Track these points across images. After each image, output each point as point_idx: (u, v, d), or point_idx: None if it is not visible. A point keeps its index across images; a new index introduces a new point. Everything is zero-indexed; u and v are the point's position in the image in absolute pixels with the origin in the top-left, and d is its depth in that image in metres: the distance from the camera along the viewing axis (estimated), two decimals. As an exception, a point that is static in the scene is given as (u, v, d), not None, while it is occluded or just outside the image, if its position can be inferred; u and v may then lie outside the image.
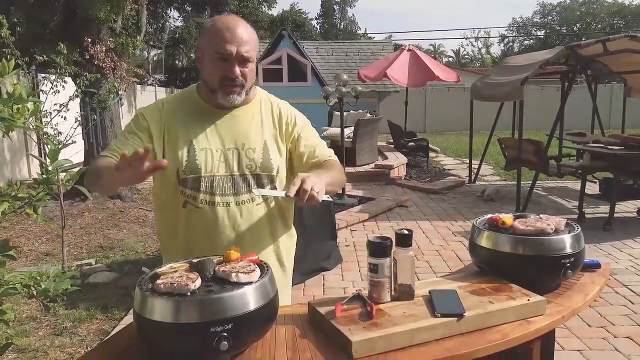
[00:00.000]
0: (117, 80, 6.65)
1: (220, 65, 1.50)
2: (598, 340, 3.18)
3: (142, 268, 4.46)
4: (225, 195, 1.55)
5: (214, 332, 1.06)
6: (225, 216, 1.55)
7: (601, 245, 5.11)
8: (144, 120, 1.57)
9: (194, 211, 1.55)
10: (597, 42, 6.17)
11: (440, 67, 12.27)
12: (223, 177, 1.55)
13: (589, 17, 42.10)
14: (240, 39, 1.49)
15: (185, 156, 1.53)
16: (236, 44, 1.48)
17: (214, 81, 1.53)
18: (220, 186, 1.54)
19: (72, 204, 6.70)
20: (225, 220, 1.55)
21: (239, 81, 1.52)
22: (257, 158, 1.58)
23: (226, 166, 1.56)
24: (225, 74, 1.50)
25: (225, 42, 1.48)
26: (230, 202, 1.55)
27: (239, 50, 1.48)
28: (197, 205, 1.54)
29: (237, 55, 1.49)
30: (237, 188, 1.56)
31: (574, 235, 1.54)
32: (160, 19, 22.72)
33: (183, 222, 1.58)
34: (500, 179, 9.11)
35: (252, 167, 1.58)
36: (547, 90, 17.81)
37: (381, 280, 1.36)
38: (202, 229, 1.55)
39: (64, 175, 1.91)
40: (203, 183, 1.53)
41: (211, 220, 1.54)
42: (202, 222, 1.55)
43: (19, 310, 3.65)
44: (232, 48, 1.48)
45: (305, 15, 37.42)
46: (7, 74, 1.61)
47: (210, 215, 1.54)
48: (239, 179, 1.56)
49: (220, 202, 1.54)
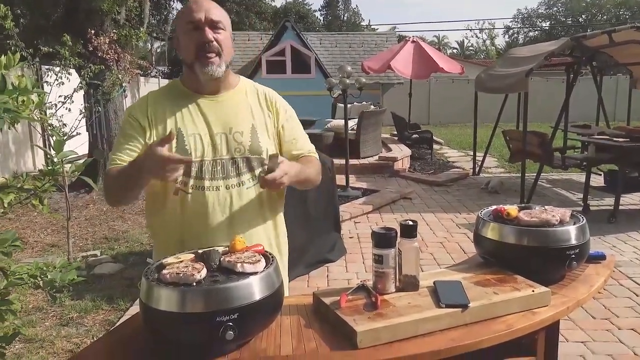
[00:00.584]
0: (120, 72, 6.65)
1: (192, 36, 1.53)
2: (602, 332, 3.18)
3: (147, 259, 4.48)
4: (215, 179, 1.55)
5: (219, 322, 1.07)
6: (215, 201, 1.55)
7: (606, 238, 5.10)
8: (134, 120, 1.58)
9: (185, 197, 1.55)
10: (602, 34, 6.12)
11: (444, 59, 12.20)
12: (212, 161, 1.56)
13: (594, 8, 41.77)
14: (208, 7, 1.53)
15: (175, 143, 1.53)
16: (204, 10, 1.52)
17: (190, 54, 1.54)
18: (210, 171, 1.55)
19: (77, 196, 6.73)
20: (216, 205, 1.55)
21: (214, 46, 1.52)
22: (245, 141, 1.58)
23: (214, 150, 1.56)
24: (199, 41, 1.52)
25: (192, 12, 1.53)
26: (220, 187, 1.56)
27: (207, 15, 1.52)
28: (187, 191, 1.55)
29: (206, 19, 1.51)
30: (227, 172, 1.57)
31: (579, 226, 1.54)
32: (164, 11, 22.67)
33: (175, 210, 1.57)
34: (505, 172, 9.09)
35: (241, 150, 1.58)
36: (552, 82, 17.70)
37: (386, 271, 1.36)
38: (194, 214, 1.56)
39: (70, 166, 1.92)
40: (193, 168, 1.54)
41: (202, 205, 1.55)
42: (193, 207, 1.55)
43: (25, 301, 3.68)
44: (200, 15, 1.51)
45: (308, 6, 37.25)
46: (12, 66, 1.61)
47: (200, 200, 1.55)
48: (227, 163, 1.57)
49: (209, 186, 1.55)
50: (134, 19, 8.71)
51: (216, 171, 1.55)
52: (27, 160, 9.13)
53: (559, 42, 6.85)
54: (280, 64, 15.25)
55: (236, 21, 24.64)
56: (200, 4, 1.54)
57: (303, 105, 1.81)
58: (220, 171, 1.56)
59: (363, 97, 8.77)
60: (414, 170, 9.19)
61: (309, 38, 17.07)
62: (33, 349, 3.07)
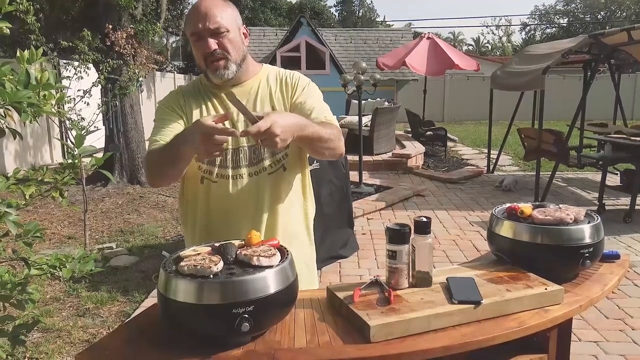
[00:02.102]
0: (137, 66, 6.71)
1: (198, 46, 1.55)
2: (615, 332, 3.17)
3: (162, 252, 4.54)
4: (238, 167, 1.59)
5: (235, 314, 1.09)
6: (240, 188, 1.59)
7: (621, 238, 5.06)
8: (170, 108, 1.63)
9: (210, 185, 1.60)
10: (621, 31, 6.04)
11: (460, 55, 12.13)
12: (234, 149, 1.59)
13: (614, 5, 41.13)
14: (205, 13, 1.52)
15: None
16: (202, 18, 1.52)
17: (201, 63, 1.58)
18: (233, 159, 1.59)
19: (94, 189, 6.83)
20: (240, 193, 1.59)
21: (219, 53, 1.54)
22: None
23: (236, 139, 1.57)
24: (204, 51, 1.54)
25: (192, 22, 1.54)
26: (244, 174, 1.59)
27: (205, 24, 1.52)
28: (212, 179, 1.59)
29: (205, 29, 1.52)
30: (249, 159, 1.59)
31: (593, 225, 1.54)
32: (179, 6, 22.76)
33: (201, 197, 1.62)
34: (519, 170, 9.02)
35: None
36: (570, 80, 17.51)
37: (399, 267, 1.37)
38: (219, 202, 1.60)
39: (89, 160, 1.95)
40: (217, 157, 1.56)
41: (226, 193, 1.58)
42: (218, 196, 1.60)
43: (43, 291, 3.75)
44: (199, 24, 1.52)
45: (324, 2, 37.17)
46: (34, 61, 1.65)
47: (225, 188, 1.59)
48: (249, 150, 1.60)
49: (233, 174, 1.58)
50: (151, 13, 8.78)
51: (239, 159, 1.59)
52: (45, 153, 9.26)
53: (576, 40, 6.77)
54: (295, 59, 15.29)
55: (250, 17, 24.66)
56: (197, 10, 1.54)
57: None
58: (243, 159, 1.59)
59: (377, 94, 8.75)
60: (427, 167, 9.16)
61: (324, 34, 17.08)
62: (50, 339, 3.14)
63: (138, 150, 7.44)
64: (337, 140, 1.58)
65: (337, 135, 1.60)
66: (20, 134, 1.67)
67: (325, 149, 1.55)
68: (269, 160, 1.61)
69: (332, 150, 1.57)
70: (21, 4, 3.76)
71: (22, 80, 1.52)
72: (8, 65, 1.57)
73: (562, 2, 43.69)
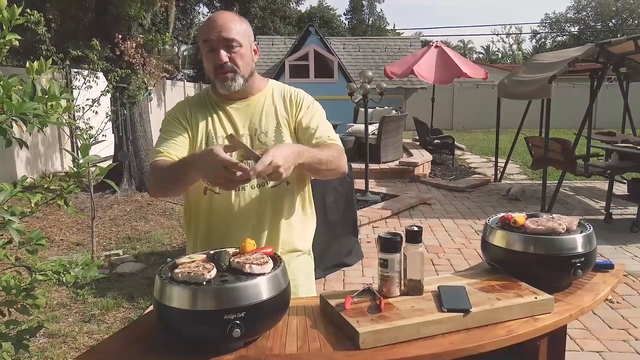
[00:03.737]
0: (146, 75, 6.80)
1: (210, 56, 1.59)
2: (618, 342, 3.15)
3: (168, 259, 4.58)
4: None
5: (227, 320, 1.12)
6: (241, 200, 1.63)
7: (628, 247, 5.03)
8: (176, 119, 1.68)
9: (212, 197, 1.64)
10: (628, 40, 6.04)
11: (468, 64, 12.15)
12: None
13: (625, 13, 40.92)
14: (221, 25, 1.57)
15: (204, 145, 1.63)
16: (217, 30, 1.56)
17: (210, 73, 1.62)
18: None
19: (102, 196, 6.91)
20: (242, 205, 1.63)
21: (229, 66, 1.58)
22: (269, 141, 1.65)
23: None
24: (214, 62, 1.58)
25: (206, 32, 1.58)
26: (246, 187, 1.63)
27: (220, 35, 1.56)
28: (215, 191, 1.64)
29: (219, 39, 1.56)
30: None
31: (585, 235, 1.55)
32: (189, 15, 23.03)
33: (204, 209, 1.67)
34: (527, 178, 9.00)
35: None
36: (579, 88, 17.42)
37: (391, 275, 1.40)
38: (220, 214, 1.64)
39: (95, 169, 2.00)
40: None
41: (228, 205, 1.63)
42: (220, 207, 1.64)
43: (50, 297, 3.81)
44: (213, 35, 1.56)
45: (333, 11, 37.37)
46: (44, 71, 1.70)
47: (227, 200, 1.63)
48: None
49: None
50: (160, 23, 8.91)
51: None
52: (55, 161, 9.39)
53: (583, 48, 6.77)
54: (303, 68, 15.39)
55: (260, 26, 24.86)
56: (215, 21, 1.58)
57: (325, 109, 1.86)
58: None
59: (385, 102, 8.80)
60: (434, 175, 9.16)
61: (333, 42, 17.17)
62: (56, 344, 3.19)
63: (147, 159, 7.53)
64: (337, 160, 1.64)
65: (337, 155, 1.65)
66: (27, 144, 1.72)
67: (326, 170, 1.62)
68: None
69: (332, 171, 1.64)
70: (32, 16, 3.84)
71: (28, 92, 1.57)
72: (15, 78, 1.62)
73: (573, 10, 43.56)
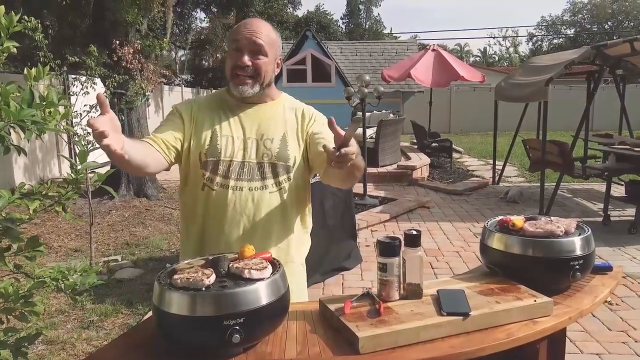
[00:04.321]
0: (144, 81, 6.81)
1: (233, 55, 1.62)
2: (618, 345, 3.15)
3: (167, 265, 4.58)
4: (240, 180, 1.64)
5: (226, 325, 1.12)
6: (237, 200, 1.63)
7: (626, 249, 5.03)
8: (178, 112, 1.71)
9: (209, 194, 1.65)
10: (624, 42, 6.07)
11: (465, 67, 12.18)
12: (240, 163, 1.64)
13: (620, 15, 41.09)
14: (254, 30, 1.60)
15: (208, 140, 1.65)
16: (248, 33, 1.60)
17: (228, 71, 1.64)
18: (236, 171, 1.64)
19: (101, 202, 6.89)
20: (237, 205, 1.63)
21: (249, 70, 1.60)
22: (274, 148, 1.66)
23: (244, 153, 1.65)
24: (236, 62, 1.60)
25: (239, 33, 1.61)
26: (244, 187, 1.64)
27: (250, 39, 1.59)
28: (212, 187, 1.64)
29: (248, 43, 1.59)
30: (252, 175, 1.64)
31: (583, 237, 1.56)
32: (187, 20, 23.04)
33: (200, 204, 1.67)
34: (525, 181, 9.01)
35: (269, 155, 1.66)
36: (576, 90, 17.46)
37: (390, 279, 1.40)
38: (215, 212, 1.65)
39: (92, 175, 2.00)
40: (221, 167, 1.63)
41: (223, 204, 1.63)
42: (215, 205, 1.64)
43: (49, 304, 3.80)
44: (244, 37, 1.59)
45: (330, 16, 37.45)
46: (41, 77, 1.71)
47: (223, 198, 1.63)
48: (254, 167, 1.65)
49: (233, 186, 1.63)
50: (158, 29, 8.92)
51: (243, 172, 1.64)
52: (54, 167, 9.37)
53: (579, 51, 6.80)
54: (301, 72, 15.41)
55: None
56: (250, 26, 1.62)
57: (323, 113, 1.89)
58: (247, 173, 1.64)
59: (383, 106, 8.81)
60: (432, 179, 9.17)
61: (330, 47, 17.20)
62: (55, 351, 3.18)
63: (145, 164, 7.50)
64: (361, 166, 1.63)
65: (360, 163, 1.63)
66: (24, 150, 1.72)
67: (355, 178, 1.62)
68: (272, 180, 1.66)
69: (356, 180, 1.67)
70: (29, 22, 3.85)
71: (26, 99, 1.58)
72: (13, 85, 1.63)
73: (569, 13, 43.72)
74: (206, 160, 1.64)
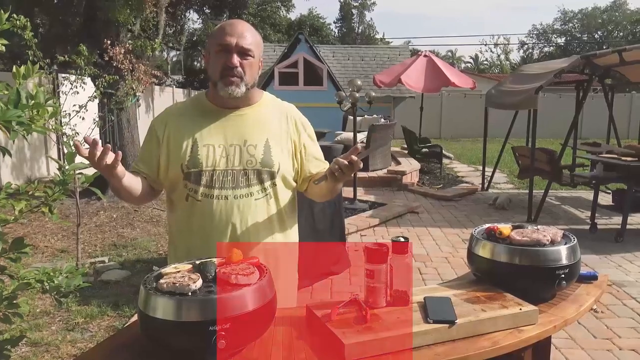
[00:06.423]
0: (134, 81, 6.77)
1: (221, 57, 1.61)
2: (603, 352, 3.18)
3: (153, 267, 4.55)
4: (224, 188, 1.63)
5: (212, 331, 1.12)
6: (222, 209, 1.62)
7: (612, 257, 5.08)
8: (153, 131, 1.72)
9: (194, 204, 1.64)
10: (613, 52, 6.13)
11: (456, 73, 12.25)
12: (223, 171, 1.63)
13: (610, 25, 41.58)
14: (241, 32, 1.61)
15: (189, 151, 1.64)
16: (236, 36, 1.60)
17: (215, 73, 1.63)
18: (220, 180, 1.63)
19: (88, 203, 6.84)
20: (222, 214, 1.62)
21: (238, 71, 1.60)
22: (257, 154, 1.65)
23: (227, 161, 1.64)
24: (225, 63, 1.60)
25: (225, 35, 1.61)
26: (229, 196, 1.63)
27: (238, 42, 1.59)
28: (197, 198, 1.63)
29: (236, 45, 1.59)
30: (236, 182, 1.64)
31: (569, 246, 1.57)
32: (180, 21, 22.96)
33: (185, 215, 1.67)
34: (514, 188, 9.07)
35: (252, 162, 1.65)
36: (566, 99, 17.63)
37: (377, 286, 1.41)
38: (201, 221, 1.64)
39: (81, 176, 1.98)
40: (204, 177, 1.62)
41: (209, 213, 1.62)
42: (201, 215, 1.64)
43: (34, 305, 3.75)
44: (231, 39, 1.59)
45: (323, 20, 37.53)
46: (30, 76, 1.69)
47: (208, 208, 1.62)
48: (238, 174, 1.64)
49: (218, 195, 1.62)
50: (150, 29, 8.88)
51: (227, 181, 1.63)
52: (42, 166, 9.28)
53: (569, 60, 6.86)
54: (292, 75, 15.39)
55: (250, 33, 24.86)
56: (234, 28, 1.62)
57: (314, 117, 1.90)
58: (231, 181, 1.63)
59: (374, 110, 8.82)
60: (422, 184, 9.20)
61: (322, 51, 17.22)
62: (39, 353, 3.14)
63: (134, 165, 7.47)
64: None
65: None
66: (10, 152, 1.70)
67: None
68: (257, 187, 1.66)
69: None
70: (18, 21, 3.81)
71: (12, 99, 1.56)
72: (1, 83, 1.61)
73: (560, 22, 44.16)
74: (188, 171, 1.63)
